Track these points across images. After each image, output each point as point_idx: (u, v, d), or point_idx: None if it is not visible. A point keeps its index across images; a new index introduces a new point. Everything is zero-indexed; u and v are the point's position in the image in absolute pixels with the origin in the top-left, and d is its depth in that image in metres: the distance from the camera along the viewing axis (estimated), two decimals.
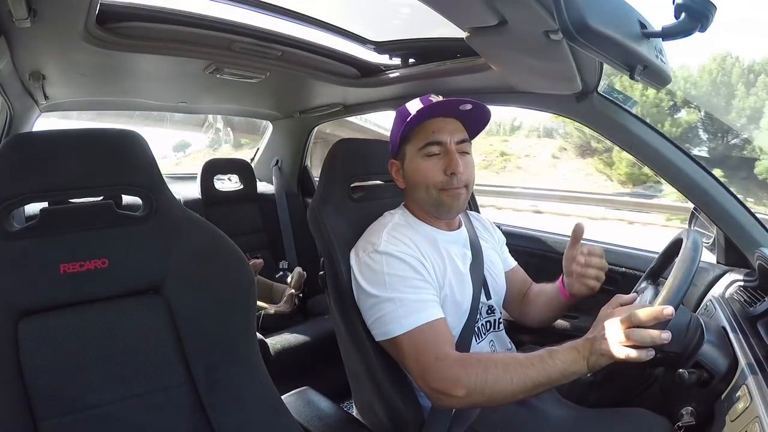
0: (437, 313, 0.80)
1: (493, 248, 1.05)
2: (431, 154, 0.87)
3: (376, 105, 1.75)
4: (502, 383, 0.71)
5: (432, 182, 0.87)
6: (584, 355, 0.70)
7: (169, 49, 1.11)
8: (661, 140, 1.10)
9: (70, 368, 0.65)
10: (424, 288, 0.81)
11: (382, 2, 1.22)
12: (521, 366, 0.71)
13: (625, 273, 1.28)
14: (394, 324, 0.78)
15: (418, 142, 0.88)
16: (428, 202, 0.90)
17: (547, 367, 0.70)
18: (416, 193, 0.91)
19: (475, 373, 0.72)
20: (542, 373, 0.70)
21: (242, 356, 0.75)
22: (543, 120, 15.17)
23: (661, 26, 0.62)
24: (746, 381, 0.66)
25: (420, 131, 0.88)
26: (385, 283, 0.80)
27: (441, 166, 0.86)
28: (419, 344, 0.77)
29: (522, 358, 0.73)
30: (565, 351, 0.71)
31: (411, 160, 0.90)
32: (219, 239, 0.77)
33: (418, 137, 0.88)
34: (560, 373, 0.70)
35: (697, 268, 0.74)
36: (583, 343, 0.71)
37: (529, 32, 0.79)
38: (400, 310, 0.78)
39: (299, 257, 2.06)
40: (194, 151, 13.88)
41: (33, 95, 1.39)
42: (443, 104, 0.86)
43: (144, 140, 0.72)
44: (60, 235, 0.66)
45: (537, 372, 0.70)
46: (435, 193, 0.87)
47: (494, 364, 0.73)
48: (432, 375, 0.75)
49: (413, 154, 0.89)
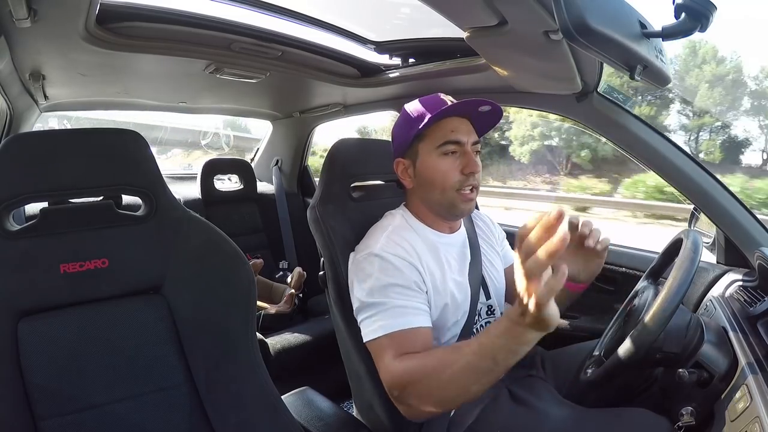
0: (417, 322, 0.78)
1: (493, 247, 1.04)
2: (448, 152, 0.86)
3: (376, 105, 1.75)
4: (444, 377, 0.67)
5: (450, 181, 0.86)
6: (516, 319, 0.58)
7: (169, 49, 1.11)
8: (661, 140, 1.10)
9: (70, 368, 0.65)
10: (412, 296, 0.80)
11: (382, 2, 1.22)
12: (458, 353, 0.67)
13: (626, 273, 1.28)
14: (373, 326, 0.78)
15: (434, 141, 0.87)
16: (442, 204, 0.88)
17: (485, 346, 0.63)
18: (430, 193, 0.89)
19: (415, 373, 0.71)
20: (483, 353, 0.63)
21: (242, 356, 0.75)
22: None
23: (661, 26, 0.62)
24: (746, 381, 0.66)
25: (437, 129, 0.87)
26: (373, 287, 0.80)
27: (458, 165, 0.86)
28: (384, 350, 0.76)
29: (459, 346, 0.69)
30: (497, 323, 0.63)
31: (426, 158, 0.88)
32: (219, 239, 0.77)
33: (434, 136, 0.87)
34: (505, 348, 0.61)
35: (697, 268, 0.74)
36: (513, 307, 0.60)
37: (529, 32, 0.79)
38: (380, 315, 0.78)
39: (299, 257, 2.06)
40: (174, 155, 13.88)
41: (33, 95, 1.39)
42: (464, 104, 0.85)
43: (144, 140, 0.72)
44: (60, 235, 0.66)
45: (477, 357, 0.64)
46: (451, 195, 0.86)
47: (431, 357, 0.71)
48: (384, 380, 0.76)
49: (428, 152, 0.87)
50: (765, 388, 0.62)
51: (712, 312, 0.93)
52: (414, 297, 0.80)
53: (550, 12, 0.65)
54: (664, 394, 0.81)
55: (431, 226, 0.92)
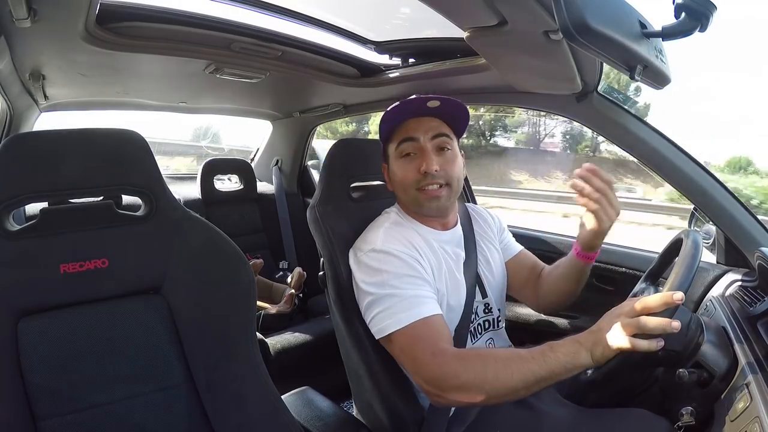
0: (434, 309, 0.79)
1: (491, 242, 1.04)
2: (406, 152, 0.89)
3: (376, 105, 1.75)
4: (502, 378, 0.69)
5: (408, 182, 0.88)
6: (587, 347, 0.68)
7: (169, 49, 1.11)
8: (661, 140, 1.10)
9: (69, 368, 0.65)
10: (421, 285, 0.81)
11: (382, 2, 1.22)
12: (522, 360, 0.69)
13: (626, 273, 1.28)
14: (391, 320, 0.78)
15: (395, 143, 0.90)
16: (409, 203, 0.92)
17: (549, 360, 0.68)
18: (398, 194, 0.93)
19: (474, 368, 0.71)
20: (543, 366, 0.68)
21: (242, 356, 0.75)
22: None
23: (661, 26, 0.62)
24: (746, 381, 0.66)
25: (399, 131, 0.90)
26: (383, 280, 0.80)
27: (417, 164, 0.87)
28: (415, 340, 0.76)
29: (522, 353, 0.71)
30: (567, 343, 0.70)
31: (392, 162, 0.92)
32: (219, 239, 0.77)
33: (395, 137, 0.91)
34: (563, 366, 0.68)
35: (698, 267, 0.74)
36: (586, 335, 0.70)
37: (529, 32, 0.79)
38: (397, 307, 0.78)
39: (299, 257, 2.06)
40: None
41: (33, 95, 1.39)
42: (411, 102, 0.86)
43: (144, 140, 0.71)
44: (60, 235, 0.66)
45: (538, 366, 0.68)
46: (413, 193, 0.89)
47: (494, 358, 0.71)
48: (428, 371, 0.73)
49: (393, 155, 0.92)
50: (765, 388, 0.62)
51: (712, 312, 0.93)
52: (423, 286, 0.81)
53: (550, 12, 0.65)
54: (664, 394, 0.81)
55: (423, 223, 0.93)
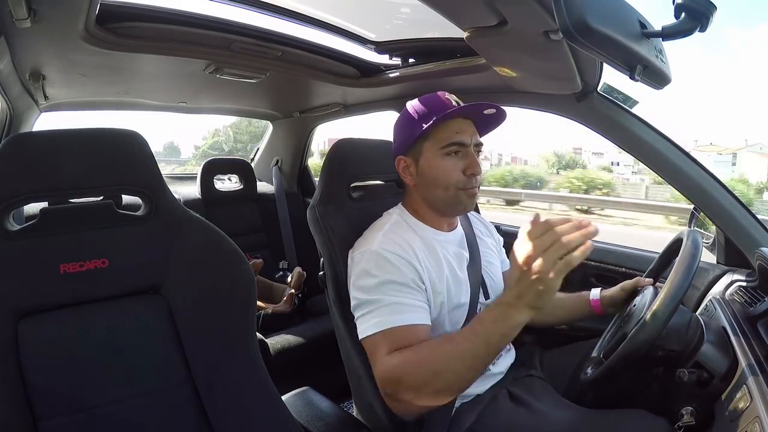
0: (413, 319, 0.78)
1: (492, 247, 1.04)
2: (451, 153, 0.87)
3: (376, 105, 1.75)
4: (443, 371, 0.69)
5: (453, 181, 0.87)
6: (511, 302, 0.64)
7: (169, 49, 1.11)
8: (661, 140, 1.10)
9: (70, 368, 0.65)
10: (407, 293, 0.80)
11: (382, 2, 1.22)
12: (453, 343, 0.70)
13: (626, 273, 1.28)
14: (368, 324, 0.78)
15: (439, 141, 0.87)
16: (445, 201, 0.89)
17: (479, 332, 0.67)
18: (432, 190, 0.90)
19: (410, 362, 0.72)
20: (476, 341, 0.67)
21: (242, 356, 0.75)
22: None
23: (661, 26, 0.62)
24: (746, 381, 0.66)
25: (443, 130, 0.87)
26: (370, 285, 0.80)
27: (461, 166, 0.87)
28: (377, 346, 0.76)
29: (452, 335, 0.72)
30: (490, 309, 0.68)
31: (430, 158, 0.89)
32: (219, 239, 0.77)
33: (439, 136, 0.87)
34: (497, 332, 0.66)
35: (697, 267, 0.74)
36: (507, 291, 0.66)
37: (529, 32, 0.79)
38: (375, 312, 0.78)
39: (299, 257, 2.06)
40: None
41: (33, 95, 1.39)
42: (470, 107, 0.87)
43: (144, 140, 0.71)
44: (60, 235, 0.66)
45: (471, 343, 0.68)
46: (454, 192, 0.88)
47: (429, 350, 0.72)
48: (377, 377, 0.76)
49: (433, 152, 0.88)
50: (765, 388, 0.62)
51: (712, 312, 0.93)
52: (411, 294, 0.80)
53: (550, 12, 0.65)
54: (664, 394, 0.81)
55: (429, 224, 0.92)
